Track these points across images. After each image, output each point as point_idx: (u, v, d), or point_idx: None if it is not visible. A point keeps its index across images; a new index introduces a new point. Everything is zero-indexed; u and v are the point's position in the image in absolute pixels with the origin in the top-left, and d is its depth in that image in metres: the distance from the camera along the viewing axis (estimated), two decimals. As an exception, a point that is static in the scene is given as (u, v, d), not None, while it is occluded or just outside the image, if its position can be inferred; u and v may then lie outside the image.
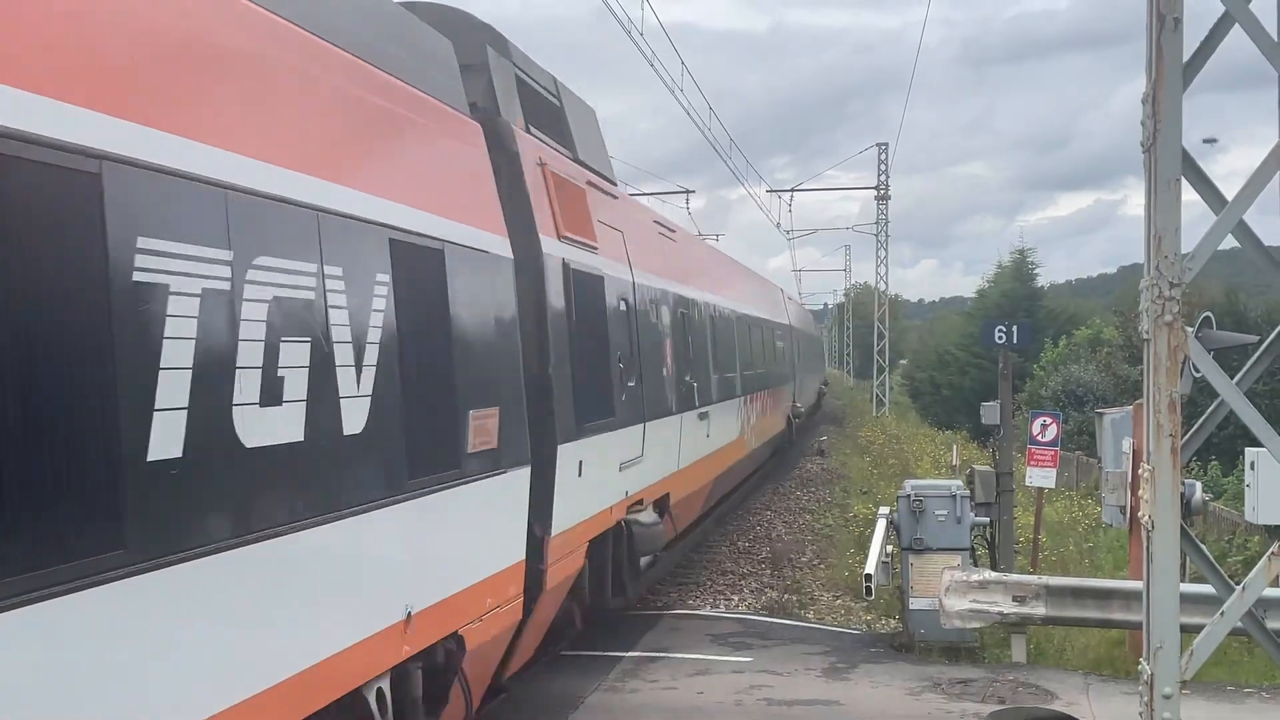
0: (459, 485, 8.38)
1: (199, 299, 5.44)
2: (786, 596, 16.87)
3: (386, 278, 7.31)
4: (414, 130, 8.40)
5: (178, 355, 5.25)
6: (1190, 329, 6.42)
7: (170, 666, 5.20)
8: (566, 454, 10.71)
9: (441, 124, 8.87)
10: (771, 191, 56.94)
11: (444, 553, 8.24)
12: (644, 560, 13.71)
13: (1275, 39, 6.31)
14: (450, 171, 9.01)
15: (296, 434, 6.21)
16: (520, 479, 9.70)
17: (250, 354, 5.82)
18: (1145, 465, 6.42)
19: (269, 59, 6.55)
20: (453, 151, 9.11)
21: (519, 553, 9.64)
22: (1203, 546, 6.88)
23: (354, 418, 6.80)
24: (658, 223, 17.65)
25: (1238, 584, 6.58)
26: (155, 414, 5.08)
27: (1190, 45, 6.35)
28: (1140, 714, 6.44)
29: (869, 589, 13.41)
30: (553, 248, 10.81)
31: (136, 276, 5.04)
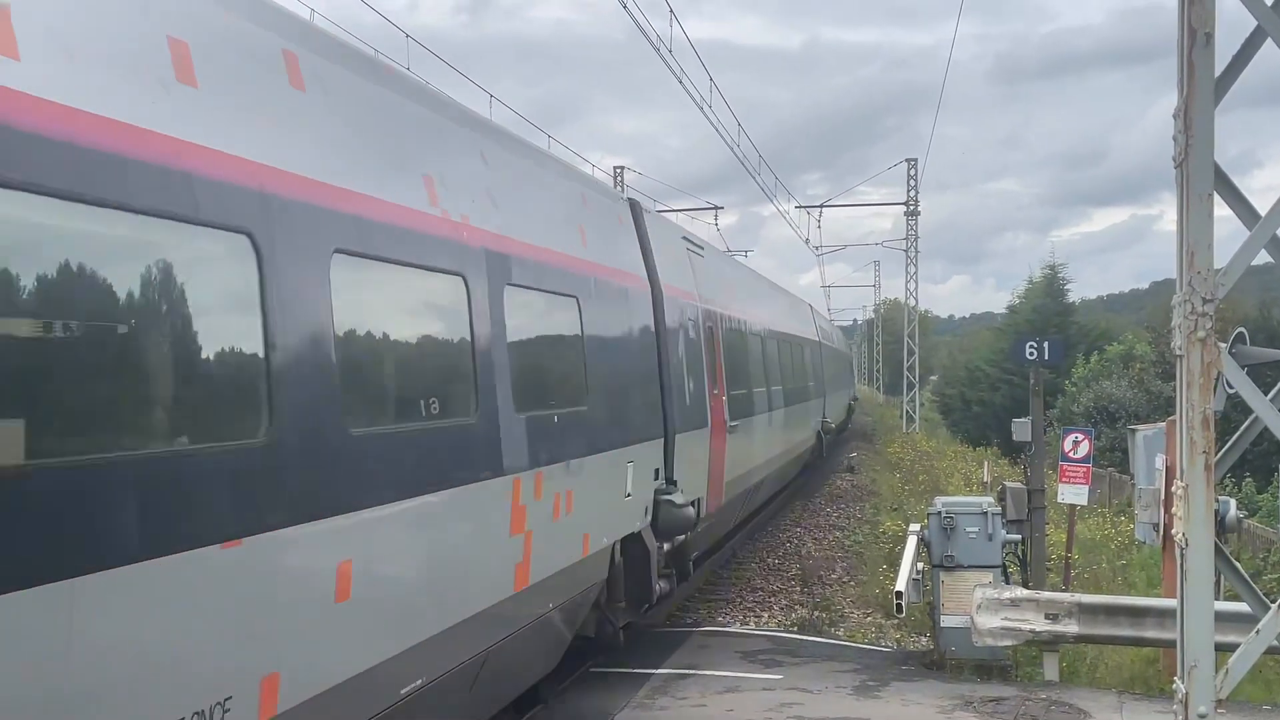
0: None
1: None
2: (816, 614, 16.81)
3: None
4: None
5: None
6: (1224, 345, 6.38)
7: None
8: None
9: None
10: (801, 208, 56.92)
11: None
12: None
13: (1308, 53, 6.27)
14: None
15: None
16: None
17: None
18: (1179, 482, 6.38)
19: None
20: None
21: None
22: (1237, 564, 6.83)
23: None
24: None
25: (1273, 602, 6.53)
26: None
27: (1222, 60, 6.34)
28: (1175, 733, 6.39)
29: (900, 606, 13.34)
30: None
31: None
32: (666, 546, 13.88)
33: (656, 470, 13.30)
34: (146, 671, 4.99)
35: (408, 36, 18.36)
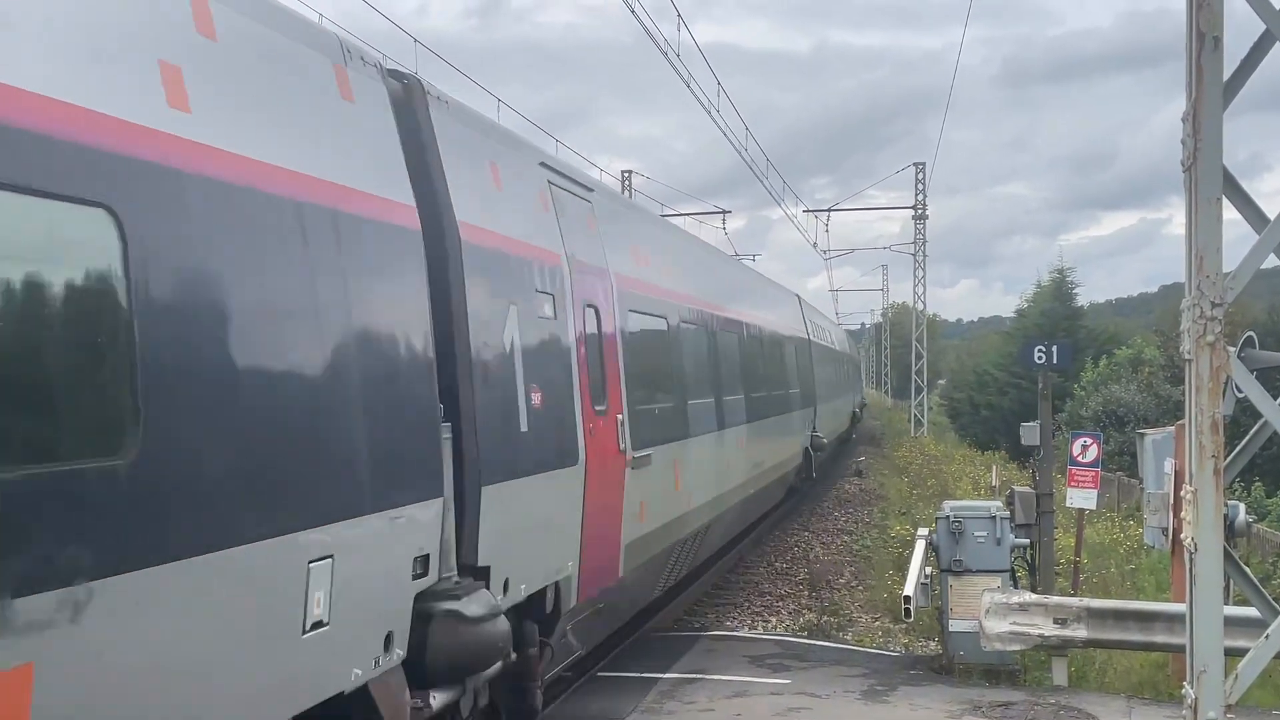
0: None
1: None
2: (825, 618, 16.77)
3: None
4: None
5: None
6: (1233, 349, 6.37)
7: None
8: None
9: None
10: (808, 211, 56.90)
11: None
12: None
13: (1317, 57, 6.27)
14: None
15: None
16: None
17: None
18: (1188, 486, 6.37)
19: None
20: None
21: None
22: (1246, 569, 6.81)
23: None
24: None
25: (1283, 607, 6.51)
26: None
27: (1231, 63, 6.33)
28: (1184, 738, 6.37)
29: (908, 610, 13.32)
30: None
31: None
32: (445, 698, 7.86)
33: (423, 560, 7.51)
34: None
35: (415, 41, 18.40)
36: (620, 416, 11.45)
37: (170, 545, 5.11)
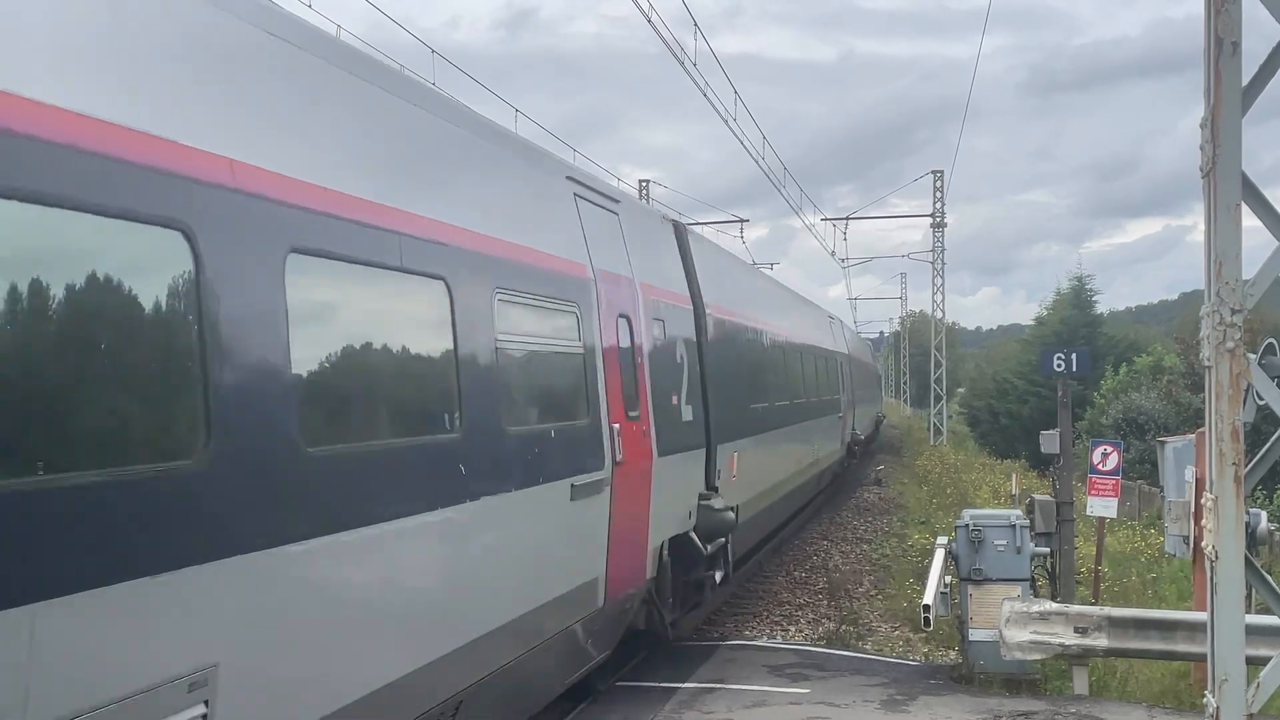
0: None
1: None
2: (844, 627, 16.75)
3: None
4: None
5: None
6: (1253, 356, 6.34)
7: None
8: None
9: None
10: (827, 220, 56.89)
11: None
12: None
13: (1337, 62, 6.24)
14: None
15: None
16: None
17: None
18: (1208, 494, 6.34)
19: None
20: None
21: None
22: (1268, 577, 6.77)
23: None
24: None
25: (1305, 615, 6.46)
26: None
27: (1251, 69, 6.30)
28: (1206, 748, 6.33)
29: (928, 620, 13.27)
30: None
31: None
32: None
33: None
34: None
35: (433, 52, 18.56)
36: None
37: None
